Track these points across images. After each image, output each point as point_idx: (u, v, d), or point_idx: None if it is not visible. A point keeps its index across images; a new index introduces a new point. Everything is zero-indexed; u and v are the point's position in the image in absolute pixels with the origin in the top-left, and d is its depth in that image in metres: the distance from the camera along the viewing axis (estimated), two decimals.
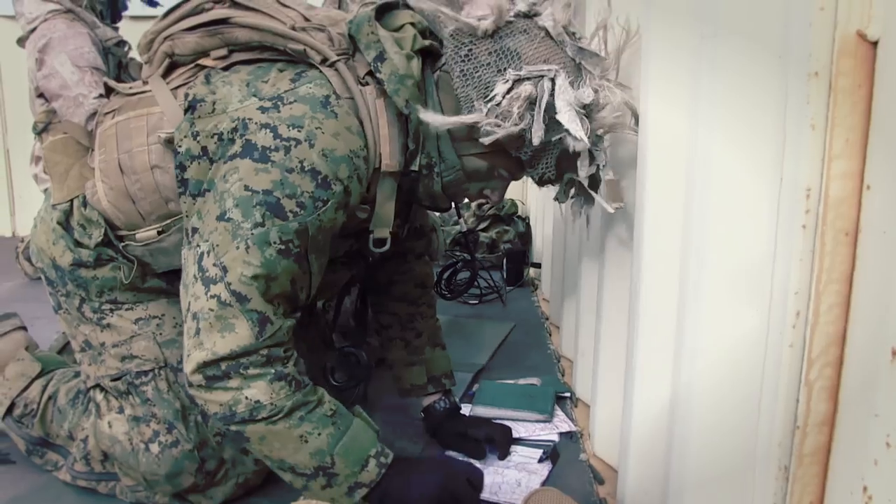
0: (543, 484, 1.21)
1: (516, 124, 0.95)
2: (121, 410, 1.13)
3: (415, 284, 1.40)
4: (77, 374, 1.27)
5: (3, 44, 3.37)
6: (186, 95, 1.01)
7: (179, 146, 0.99)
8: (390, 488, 1.00)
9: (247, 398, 0.92)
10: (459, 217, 2.29)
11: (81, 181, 1.12)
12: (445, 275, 2.38)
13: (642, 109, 0.99)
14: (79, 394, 1.23)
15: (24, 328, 1.41)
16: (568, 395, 1.57)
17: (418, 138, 1.03)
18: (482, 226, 3.02)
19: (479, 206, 3.08)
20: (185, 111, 1.01)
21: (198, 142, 0.98)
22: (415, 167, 1.04)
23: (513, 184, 1.13)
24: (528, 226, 3.07)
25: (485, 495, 1.16)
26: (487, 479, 1.21)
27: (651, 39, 0.95)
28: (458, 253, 2.80)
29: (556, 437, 1.38)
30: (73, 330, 1.17)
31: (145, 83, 1.11)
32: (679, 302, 0.89)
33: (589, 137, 0.96)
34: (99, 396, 1.16)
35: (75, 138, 1.17)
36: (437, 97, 1.02)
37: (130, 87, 1.13)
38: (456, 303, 2.42)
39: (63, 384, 1.27)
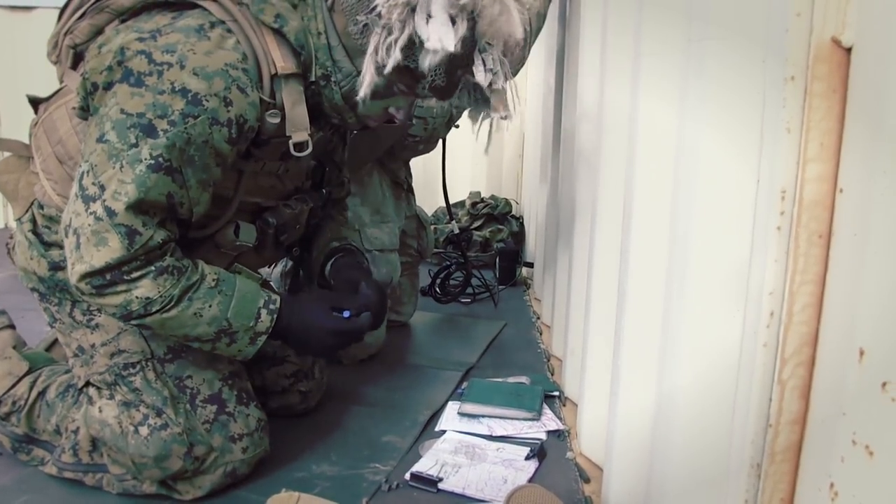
0: (530, 481, 1.22)
1: (399, 34, 0.96)
2: (111, 397, 1.15)
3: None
4: (68, 371, 1.28)
5: None
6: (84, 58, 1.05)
7: (84, 102, 1.03)
8: (290, 324, 1.12)
9: (137, 297, 1.01)
10: (451, 218, 2.30)
11: (30, 188, 1.18)
12: (439, 277, 2.38)
13: (633, 111, 1.00)
14: (69, 387, 1.24)
15: (12, 327, 1.39)
16: (556, 393, 1.58)
17: (307, 45, 1.06)
18: (476, 224, 3.03)
19: (473, 204, 3.09)
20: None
21: (88, 80, 1.01)
22: (312, 77, 1.08)
23: (508, 183, 1.13)
24: (521, 225, 3.08)
25: (470, 492, 1.18)
26: (473, 476, 1.22)
27: (642, 41, 0.96)
28: (451, 254, 2.80)
29: (543, 436, 1.39)
30: (67, 338, 1.20)
31: (62, 82, 1.17)
32: (664, 303, 0.90)
33: (470, 42, 0.96)
34: (91, 390, 1.18)
35: (16, 154, 1.23)
36: (329, 15, 1.05)
37: (47, 95, 1.19)
38: None
39: (53, 379, 1.27)
